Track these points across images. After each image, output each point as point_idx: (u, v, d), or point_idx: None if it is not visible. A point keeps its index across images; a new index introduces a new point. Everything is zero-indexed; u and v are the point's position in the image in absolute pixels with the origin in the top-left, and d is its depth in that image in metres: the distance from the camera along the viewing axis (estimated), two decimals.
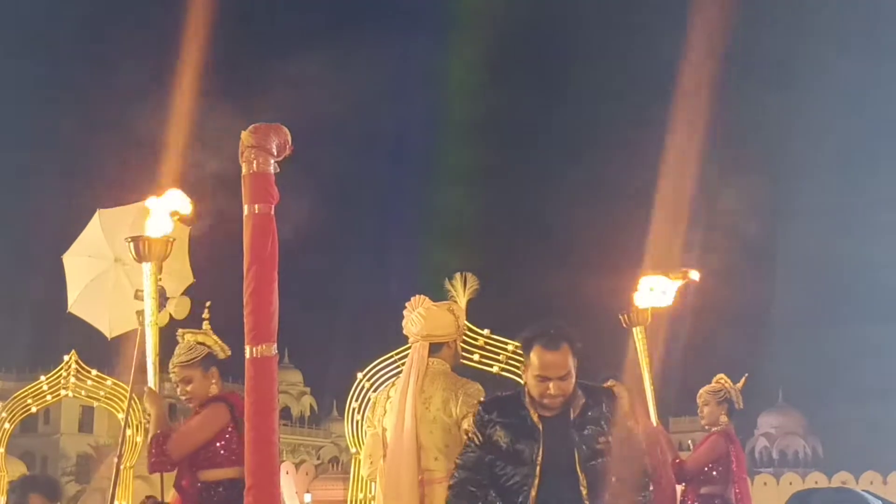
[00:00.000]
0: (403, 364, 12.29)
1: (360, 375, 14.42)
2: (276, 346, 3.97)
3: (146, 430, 16.61)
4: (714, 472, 7.70)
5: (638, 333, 7.73)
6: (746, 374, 8.46)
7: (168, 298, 6.25)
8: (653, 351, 7.76)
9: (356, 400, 14.60)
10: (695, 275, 7.91)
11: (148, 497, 9.90)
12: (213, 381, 5.65)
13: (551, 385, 4.51)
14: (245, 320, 4.00)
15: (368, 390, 14.14)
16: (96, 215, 8.46)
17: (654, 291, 7.74)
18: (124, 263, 7.85)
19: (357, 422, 14.52)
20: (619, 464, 4.59)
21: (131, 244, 5.87)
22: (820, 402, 60.40)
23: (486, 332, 12.77)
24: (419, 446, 5.53)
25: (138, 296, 6.13)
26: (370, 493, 11.81)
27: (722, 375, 8.08)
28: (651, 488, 4.74)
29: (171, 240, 5.86)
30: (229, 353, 5.68)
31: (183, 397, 5.76)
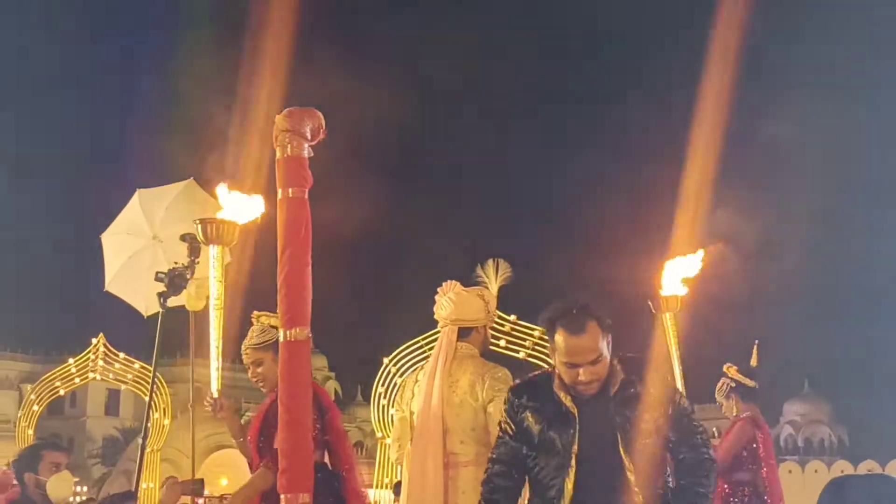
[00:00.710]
0: (429, 350, 12.38)
1: (386, 361, 14.54)
2: (309, 329, 3.99)
3: (173, 414, 16.71)
4: (742, 458, 7.70)
5: (668, 320, 7.71)
6: (756, 342, 8.44)
7: (189, 280, 6.27)
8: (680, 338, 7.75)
9: (382, 385, 14.73)
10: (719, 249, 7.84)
11: (169, 477, 10.00)
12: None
13: (581, 371, 4.08)
14: (279, 304, 4.03)
15: (394, 375, 14.27)
16: (136, 195, 8.53)
17: (680, 273, 7.71)
18: (161, 241, 7.90)
19: (383, 406, 14.64)
20: (677, 442, 4.19)
21: (199, 226, 5.82)
22: (846, 391, 60.10)
23: (512, 317, 12.84)
24: (445, 430, 5.55)
25: (158, 277, 6.14)
26: (396, 477, 11.83)
27: (727, 366, 8.05)
28: (714, 470, 4.26)
29: (240, 226, 5.78)
30: None
31: (254, 380, 5.75)
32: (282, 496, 3.99)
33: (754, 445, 7.75)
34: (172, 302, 6.18)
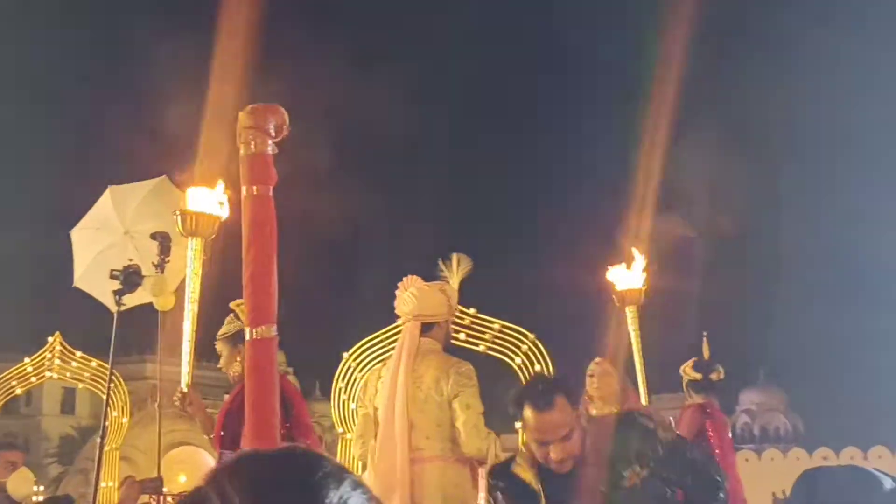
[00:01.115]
0: (390, 345, 12.38)
1: (346, 355, 14.48)
2: (276, 327, 3.97)
3: (131, 412, 16.56)
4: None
5: (630, 313, 7.78)
6: (705, 334, 8.58)
7: (144, 277, 6.22)
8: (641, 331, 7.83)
9: (342, 380, 14.64)
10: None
11: (128, 477, 9.96)
12: (240, 359, 5.48)
13: (552, 449, 3.87)
14: (245, 302, 4.01)
15: (354, 370, 14.20)
16: (108, 191, 8.48)
17: (633, 272, 7.84)
18: (133, 237, 7.85)
19: (343, 402, 14.58)
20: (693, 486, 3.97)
21: (178, 217, 5.77)
22: (800, 380, 60.71)
23: (472, 311, 12.84)
24: (410, 425, 5.56)
25: (113, 275, 6.08)
26: (358, 472, 11.82)
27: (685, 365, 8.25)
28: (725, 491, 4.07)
29: (220, 218, 5.72)
30: None
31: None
32: None
33: (706, 433, 7.84)
34: (139, 300, 6.14)
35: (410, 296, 5.80)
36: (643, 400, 7.77)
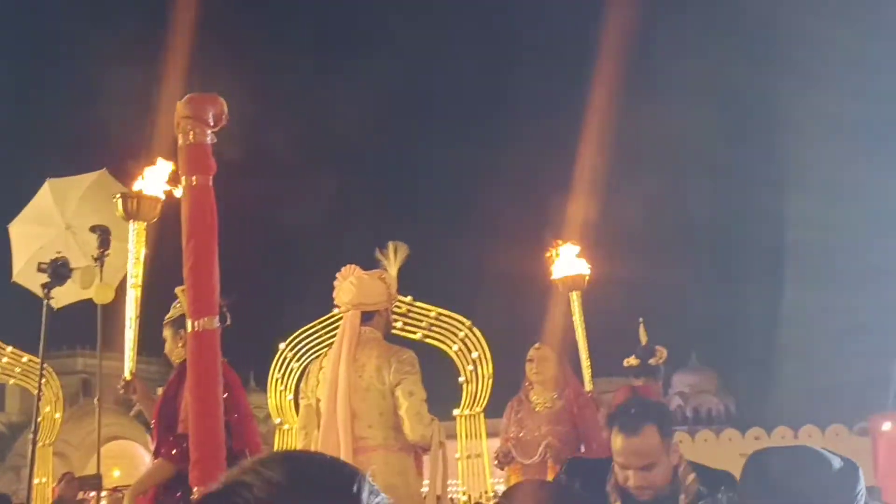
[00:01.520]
0: (326, 335, 12.32)
1: (282, 346, 14.42)
2: (218, 318, 3.93)
3: (65, 407, 16.37)
4: None
5: (574, 298, 7.84)
6: (641, 319, 8.67)
7: (73, 269, 6.13)
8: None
9: (279, 370, 14.60)
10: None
11: (66, 473, 9.83)
12: (181, 343, 5.38)
13: (631, 475, 3.71)
14: (186, 294, 3.97)
15: (291, 361, 14.16)
16: (46, 184, 8.35)
17: (574, 258, 7.91)
18: (75, 232, 7.74)
19: (280, 392, 14.53)
20: None
21: (119, 201, 5.66)
22: (731, 361, 61.57)
23: (408, 299, 12.84)
24: (353, 415, 5.53)
25: (41, 268, 5.99)
26: None
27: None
28: None
29: (161, 201, 5.62)
30: None
31: None
32: (194, 489, 3.93)
33: None
34: (77, 296, 6.05)
35: (350, 285, 5.77)
36: (587, 385, 7.83)
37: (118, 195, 5.60)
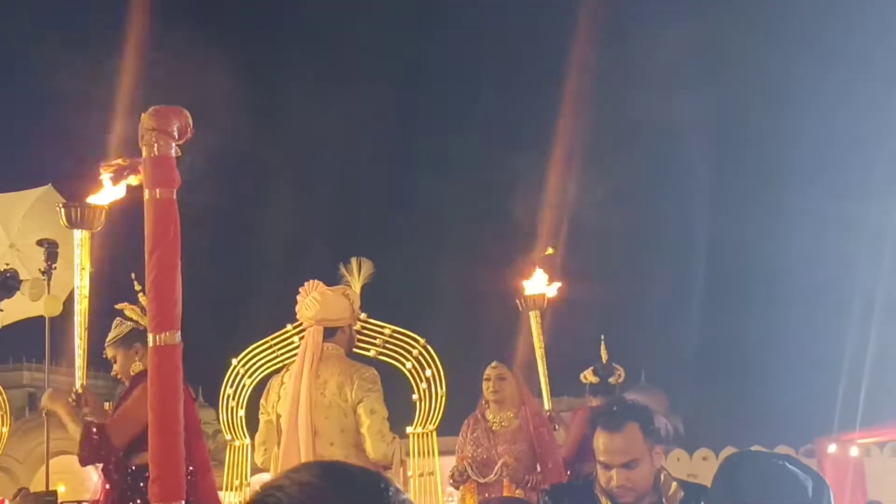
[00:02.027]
0: (279, 350, 12.23)
1: (234, 361, 14.28)
2: (179, 333, 3.87)
3: (11, 421, 16.16)
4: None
5: (534, 318, 7.83)
6: (602, 337, 8.68)
7: (22, 281, 6.04)
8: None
9: (231, 386, 14.43)
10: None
11: (22, 489, 9.66)
12: (138, 357, 5.32)
13: (614, 474, 3.73)
14: (147, 308, 3.90)
15: (244, 376, 14.01)
16: None
17: (543, 278, 7.93)
18: (19, 250, 7.62)
19: (232, 408, 14.37)
20: None
21: (62, 210, 5.55)
22: (679, 382, 61.99)
23: (363, 316, 12.77)
24: (314, 432, 5.48)
25: None
26: (247, 479, 11.73)
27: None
28: None
29: (106, 209, 5.52)
30: None
31: (117, 378, 5.57)
32: None
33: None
34: (26, 312, 5.95)
35: (313, 300, 5.72)
36: (546, 404, 7.81)
37: (60, 204, 5.49)
